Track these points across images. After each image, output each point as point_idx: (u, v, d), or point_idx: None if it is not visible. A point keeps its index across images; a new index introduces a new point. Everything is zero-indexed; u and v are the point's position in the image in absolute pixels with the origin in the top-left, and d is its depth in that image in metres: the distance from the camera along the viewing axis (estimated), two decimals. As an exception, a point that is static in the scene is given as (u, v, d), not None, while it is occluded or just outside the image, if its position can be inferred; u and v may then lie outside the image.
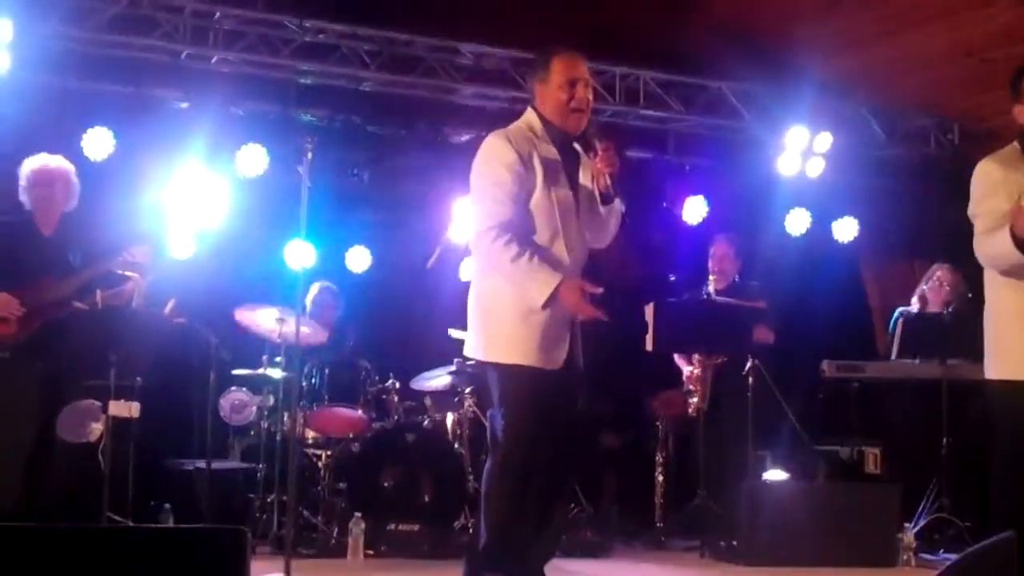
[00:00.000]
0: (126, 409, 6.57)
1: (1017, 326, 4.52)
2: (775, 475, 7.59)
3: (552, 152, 4.68)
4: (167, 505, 6.82)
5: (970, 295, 7.25)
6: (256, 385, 7.34)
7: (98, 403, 6.47)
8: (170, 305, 6.88)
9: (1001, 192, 4.52)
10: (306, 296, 7.88)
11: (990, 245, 4.46)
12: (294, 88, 8.32)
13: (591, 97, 4.78)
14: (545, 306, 4.49)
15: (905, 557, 6.67)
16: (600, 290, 4.54)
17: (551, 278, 4.49)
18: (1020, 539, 4.25)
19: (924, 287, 7.71)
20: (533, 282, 4.51)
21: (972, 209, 4.64)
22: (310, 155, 7.80)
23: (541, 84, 4.77)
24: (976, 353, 4.82)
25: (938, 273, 7.63)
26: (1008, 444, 4.54)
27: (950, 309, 7.36)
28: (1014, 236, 4.30)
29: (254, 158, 8.10)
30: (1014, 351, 4.52)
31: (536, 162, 4.62)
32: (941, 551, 6.85)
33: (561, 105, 4.71)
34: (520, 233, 4.56)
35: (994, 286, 4.63)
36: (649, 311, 6.92)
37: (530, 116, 4.79)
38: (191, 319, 6.94)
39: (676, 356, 7.77)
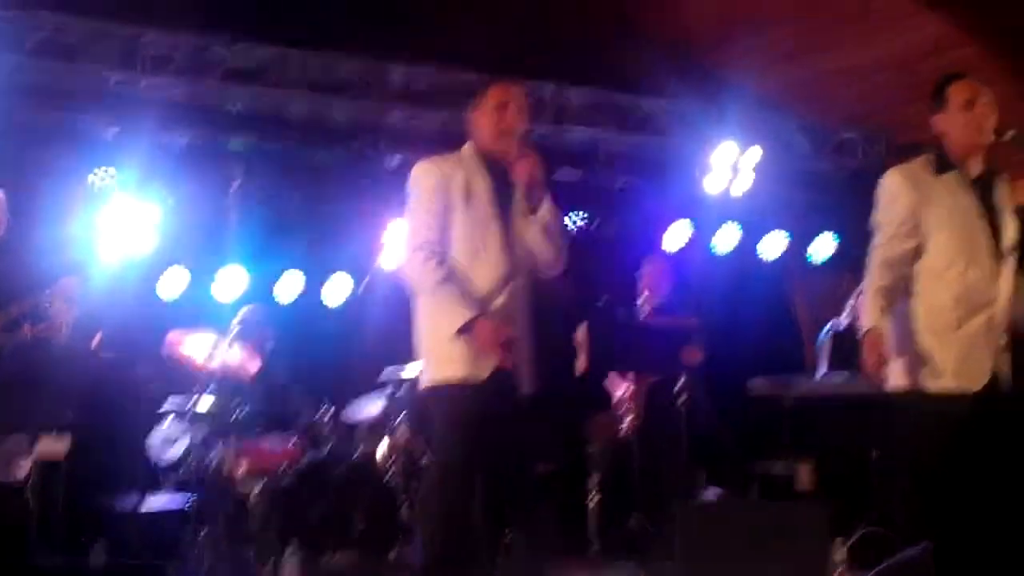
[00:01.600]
0: (55, 446, 6.50)
1: (924, 337, 4.61)
2: (709, 494, 7.62)
3: (480, 176, 4.73)
4: (98, 543, 6.75)
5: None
6: (186, 417, 7.27)
7: (26, 440, 6.39)
8: (97, 339, 6.81)
9: (899, 202, 4.64)
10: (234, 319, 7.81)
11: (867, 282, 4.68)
12: (223, 114, 8.26)
13: (524, 121, 4.80)
14: (458, 334, 4.52)
15: (838, 572, 6.71)
16: (513, 336, 4.58)
17: (466, 311, 4.54)
18: (936, 549, 4.34)
19: (853, 302, 7.76)
20: (450, 309, 4.56)
21: (874, 217, 4.78)
22: (239, 181, 7.86)
23: (475, 112, 4.83)
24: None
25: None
26: (919, 454, 4.61)
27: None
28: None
29: (184, 184, 8.03)
30: (920, 361, 4.60)
31: (459, 186, 4.68)
32: (874, 566, 6.90)
33: (490, 128, 4.76)
34: (443, 256, 4.62)
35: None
36: (581, 332, 6.94)
37: (465, 145, 4.86)
38: (119, 352, 6.88)
39: (608, 377, 7.78)
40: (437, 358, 4.63)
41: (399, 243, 4.75)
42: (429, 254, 4.60)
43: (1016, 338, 4.70)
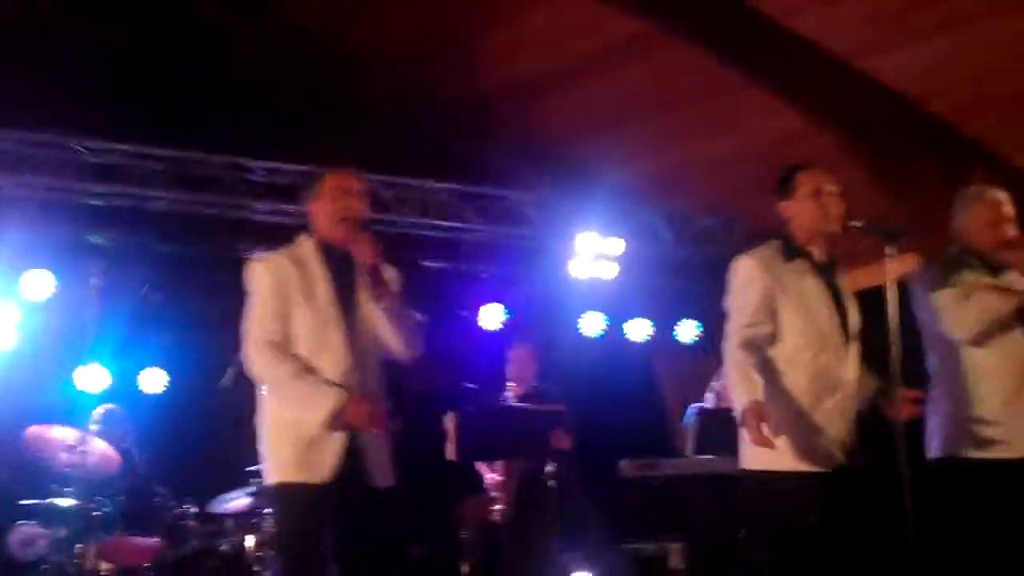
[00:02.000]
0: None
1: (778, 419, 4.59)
2: (582, 577, 7.61)
3: (320, 269, 4.65)
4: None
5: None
6: (46, 516, 7.04)
7: None
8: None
9: (754, 286, 4.68)
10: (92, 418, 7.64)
11: (733, 363, 4.61)
12: (83, 210, 8.14)
13: (363, 208, 4.72)
14: (328, 425, 4.44)
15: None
16: (383, 407, 4.58)
17: (328, 398, 4.46)
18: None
19: (716, 383, 7.89)
20: (309, 402, 4.48)
21: (728, 302, 4.78)
22: (98, 278, 7.72)
23: (313, 202, 4.75)
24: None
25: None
26: (774, 533, 4.63)
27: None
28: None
29: (40, 282, 7.88)
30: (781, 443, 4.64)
31: (298, 281, 4.60)
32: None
33: (329, 216, 4.67)
34: (284, 351, 4.54)
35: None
36: (449, 419, 6.89)
37: (303, 236, 4.77)
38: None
39: (478, 463, 7.74)
40: (279, 458, 4.53)
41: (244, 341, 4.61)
42: (275, 350, 4.53)
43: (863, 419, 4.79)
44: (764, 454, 4.54)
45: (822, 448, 4.57)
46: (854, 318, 4.80)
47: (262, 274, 4.63)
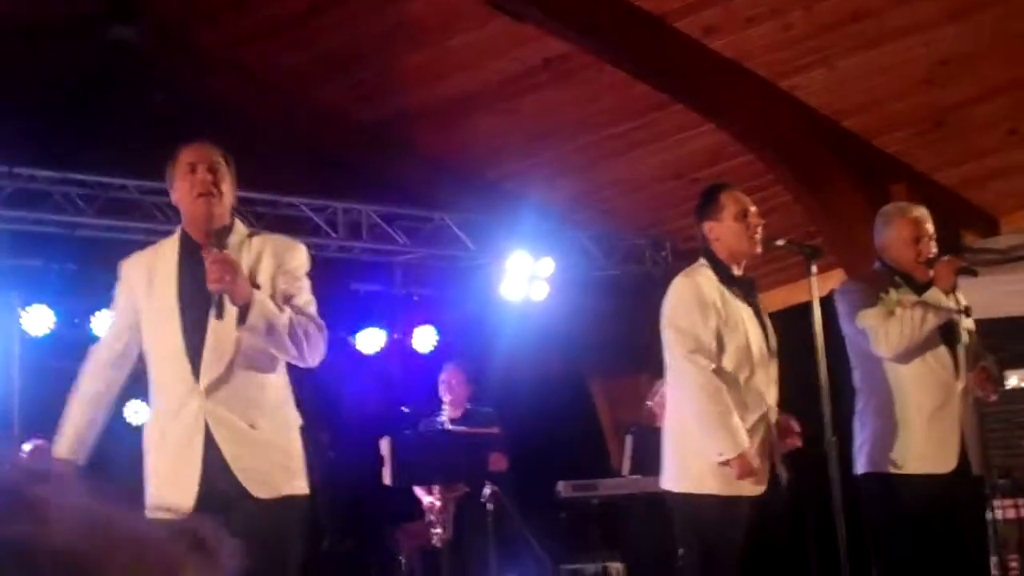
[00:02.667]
0: None
1: (696, 440, 4.72)
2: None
3: (172, 261, 4.09)
4: None
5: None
6: None
7: None
8: None
9: (711, 310, 4.72)
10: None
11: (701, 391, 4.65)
12: (6, 237, 8.04)
13: (225, 184, 4.08)
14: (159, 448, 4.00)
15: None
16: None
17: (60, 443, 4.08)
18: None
19: (650, 403, 7.93)
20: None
21: (671, 322, 4.80)
22: (22, 306, 7.63)
23: (173, 188, 4.17)
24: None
25: (662, 389, 7.86)
26: (696, 555, 4.76)
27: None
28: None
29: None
30: (694, 465, 4.73)
31: (144, 279, 4.10)
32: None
33: (183, 196, 4.08)
34: (96, 366, 4.15)
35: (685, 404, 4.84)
36: (385, 444, 6.88)
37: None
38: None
39: (415, 487, 7.73)
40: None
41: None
42: (90, 364, 4.17)
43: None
44: (689, 478, 4.72)
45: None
46: (773, 337, 4.88)
47: (119, 276, 4.21)
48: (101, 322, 8.11)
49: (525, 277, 9.06)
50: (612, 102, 8.32)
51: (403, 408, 7.73)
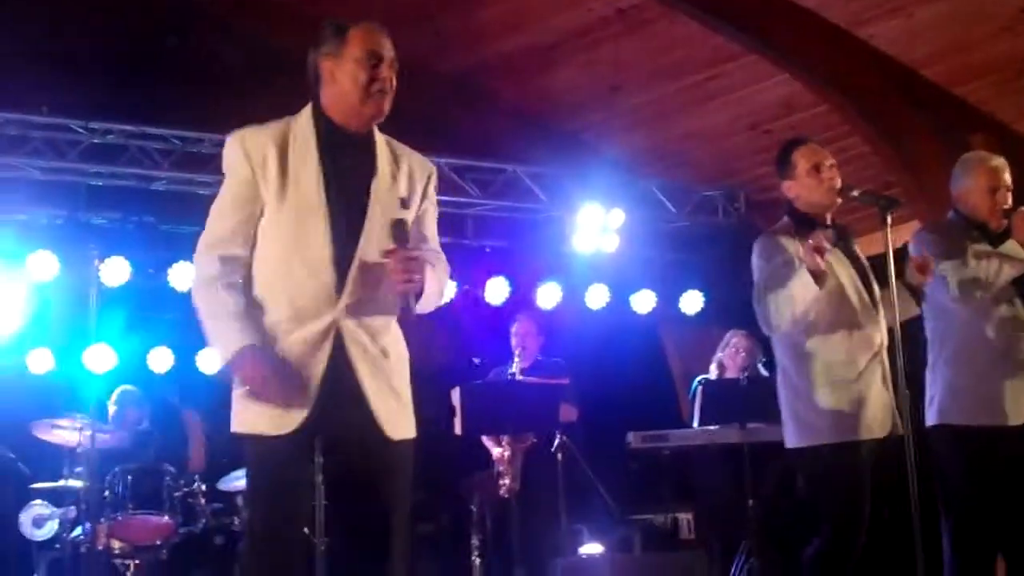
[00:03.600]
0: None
1: (823, 393, 4.69)
2: (591, 549, 7.66)
3: (308, 145, 3.62)
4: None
5: (764, 360, 7.48)
6: (57, 497, 7.11)
7: None
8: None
9: (782, 256, 4.73)
10: (109, 401, 7.71)
11: (786, 297, 4.59)
12: (83, 191, 8.16)
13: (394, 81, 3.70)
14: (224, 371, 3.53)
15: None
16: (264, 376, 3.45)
17: (232, 342, 3.47)
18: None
19: (721, 354, 7.91)
20: (216, 339, 3.53)
21: (759, 275, 4.79)
22: (100, 259, 7.75)
23: (329, 60, 3.67)
24: (773, 416, 5.01)
25: (733, 340, 7.84)
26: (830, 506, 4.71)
27: (746, 374, 7.55)
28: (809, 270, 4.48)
29: (44, 264, 7.91)
30: (823, 416, 4.69)
31: (274, 163, 3.56)
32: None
33: (351, 87, 3.63)
34: (227, 275, 3.56)
35: (791, 355, 4.81)
36: (456, 394, 6.93)
37: (305, 110, 3.71)
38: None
39: (484, 438, 7.78)
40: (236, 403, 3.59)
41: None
42: (215, 269, 3.57)
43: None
44: (809, 431, 4.68)
45: (872, 415, 4.67)
46: (875, 284, 4.86)
47: (227, 150, 3.59)
48: (178, 273, 8.23)
49: (597, 229, 9.04)
50: (685, 53, 8.27)
51: (474, 359, 7.75)
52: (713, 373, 7.89)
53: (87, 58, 8.31)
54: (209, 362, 8.72)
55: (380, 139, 3.81)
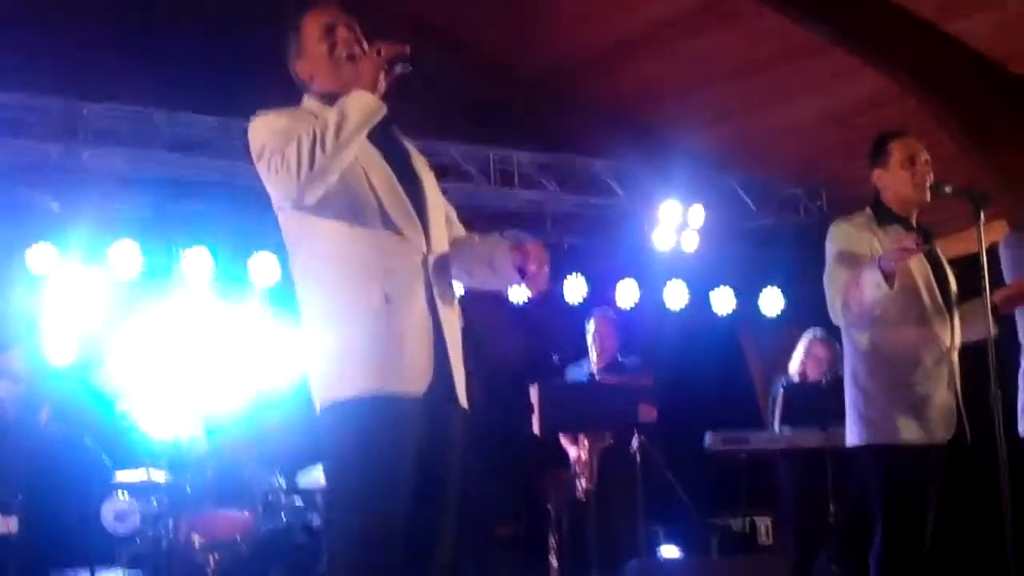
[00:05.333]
0: (4, 525, 6.39)
1: (888, 392, 4.62)
2: (668, 552, 7.61)
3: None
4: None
5: (846, 360, 7.37)
6: (140, 490, 7.17)
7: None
8: (44, 412, 6.73)
9: (861, 245, 4.66)
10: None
11: (855, 289, 4.53)
12: (168, 183, 8.21)
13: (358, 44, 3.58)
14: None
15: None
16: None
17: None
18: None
19: (800, 355, 7.81)
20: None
21: (828, 262, 4.74)
22: (186, 250, 7.82)
23: (297, 59, 3.68)
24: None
25: (810, 340, 7.75)
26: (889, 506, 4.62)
27: (828, 377, 7.44)
28: (883, 269, 4.39)
29: (129, 256, 7.97)
30: (886, 416, 4.61)
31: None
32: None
33: (322, 61, 3.59)
34: None
35: (857, 351, 4.73)
36: (534, 392, 6.89)
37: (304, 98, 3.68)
38: (69, 426, 6.79)
39: (562, 438, 7.73)
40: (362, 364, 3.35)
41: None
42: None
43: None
44: (872, 429, 4.60)
45: (935, 418, 4.59)
46: (952, 285, 4.77)
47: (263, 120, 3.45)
48: (258, 263, 8.28)
49: (676, 225, 8.97)
50: (770, 47, 8.18)
51: (553, 357, 7.69)
52: (794, 375, 7.78)
53: (171, 49, 8.33)
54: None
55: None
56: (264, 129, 3.40)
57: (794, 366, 7.83)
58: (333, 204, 3.34)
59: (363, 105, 3.26)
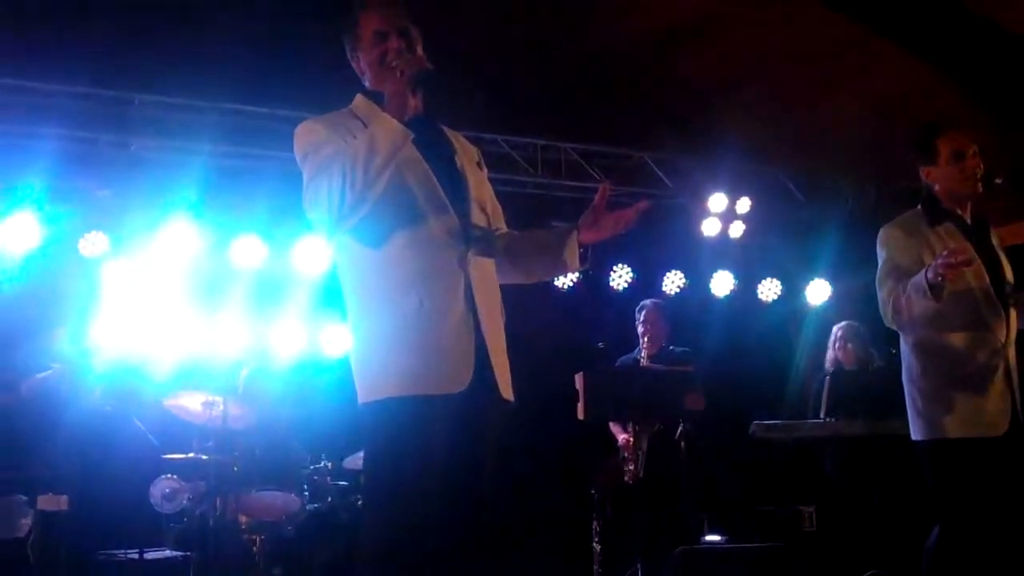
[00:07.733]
0: (55, 502, 6.47)
1: (943, 387, 4.61)
2: (712, 538, 7.60)
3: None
4: (101, 598, 6.70)
5: (893, 351, 7.33)
6: (187, 470, 7.24)
7: (25, 498, 6.37)
8: (97, 392, 6.81)
9: (909, 253, 4.63)
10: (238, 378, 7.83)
11: (904, 299, 4.52)
12: (216, 172, 8.28)
13: (418, 53, 3.61)
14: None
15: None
16: None
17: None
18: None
19: (832, 348, 7.80)
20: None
21: (880, 266, 4.72)
22: (236, 239, 7.89)
23: (357, 56, 3.77)
24: (901, 409, 4.91)
25: (838, 332, 7.74)
26: (949, 501, 4.61)
27: (873, 366, 7.42)
28: (930, 283, 4.37)
29: (182, 239, 8.05)
30: (943, 410, 4.60)
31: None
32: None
33: (374, 65, 3.67)
34: None
35: (911, 348, 4.72)
36: (579, 379, 6.89)
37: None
38: (119, 405, 6.87)
39: (611, 423, 7.75)
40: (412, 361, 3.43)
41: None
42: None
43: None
44: (929, 424, 4.60)
45: (989, 412, 4.55)
46: (1008, 278, 4.74)
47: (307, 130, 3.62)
48: (304, 249, 8.36)
49: (723, 216, 8.96)
50: (817, 39, 8.15)
51: (599, 344, 7.69)
52: (830, 366, 7.76)
53: (215, 41, 8.39)
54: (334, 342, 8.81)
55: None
56: (304, 139, 3.57)
57: (828, 359, 7.82)
58: (370, 212, 3.42)
59: (389, 138, 3.37)
